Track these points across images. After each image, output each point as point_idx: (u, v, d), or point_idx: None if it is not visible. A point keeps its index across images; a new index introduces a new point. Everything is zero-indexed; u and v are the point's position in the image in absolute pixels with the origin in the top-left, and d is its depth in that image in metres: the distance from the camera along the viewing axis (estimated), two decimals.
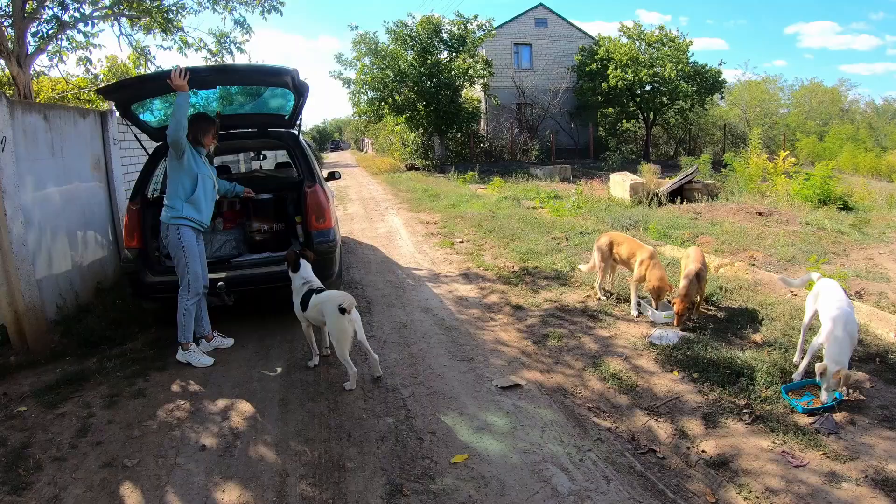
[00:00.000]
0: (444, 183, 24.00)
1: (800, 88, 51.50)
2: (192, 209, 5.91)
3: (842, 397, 4.79)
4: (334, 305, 5.16)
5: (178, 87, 5.76)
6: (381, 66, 32.29)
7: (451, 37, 33.96)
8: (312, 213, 6.96)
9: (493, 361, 5.92)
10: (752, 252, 9.97)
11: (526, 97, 38.77)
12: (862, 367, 5.39)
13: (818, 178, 15.74)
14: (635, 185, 17.11)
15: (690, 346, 5.86)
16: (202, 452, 4.47)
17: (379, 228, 14.01)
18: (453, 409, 4.99)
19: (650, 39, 37.74)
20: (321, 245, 6.91)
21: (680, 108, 38.32)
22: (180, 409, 5.16)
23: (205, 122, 6.13)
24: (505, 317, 7.20)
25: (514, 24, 40.62)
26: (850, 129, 40.42)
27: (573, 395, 5.19)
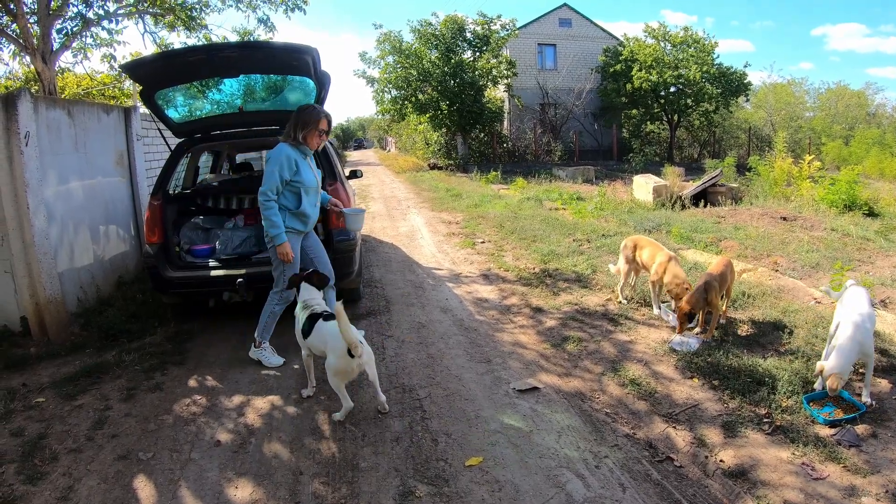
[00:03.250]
0: (467, 183, 24.00)
1: (826, 92, 50.93)
2: (297, 221, 5.81)
3: (864, 409, 4.72)
4: (342, 346, 4.55)
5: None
6: (405, 64, 32.40)
7: (475, 36, 34.02)
8: (333, 212, 6.89)
9: (510, 364, 5.88)
10: (775, 257, 9.86)
11: (549, 98, 38.66)
12: (885, 377, 5.30)
13: (844, 183, 15.52)
14: (658, 187, 17.00)
15: (711, 353, 5.80)
16: (217, 448, 4.49)
17: (400, 227, 14.02)
18: (470, 410, 4.96)
19: (675, 40, 37.57)
20: (341, 243, 6.89)
21: (704, 110, 37.99)
22: (196, 404, 5.20)
23: (308, 116, 5.68)
24: (524, 319, 7.16)
25: (537, 25, 40.53)
26: (877, 133, 39.83)
27: (591, 399, 5.15)
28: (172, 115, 7.41)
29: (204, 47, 7.77)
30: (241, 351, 6.34)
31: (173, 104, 7.40)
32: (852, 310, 5.06)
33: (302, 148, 5.72)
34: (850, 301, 5.25)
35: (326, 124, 5.79)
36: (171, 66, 6.73)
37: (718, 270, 6.52)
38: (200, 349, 6.53)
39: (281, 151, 5.58)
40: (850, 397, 4.89)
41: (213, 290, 6.84)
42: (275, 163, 5.53)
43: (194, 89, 7.46)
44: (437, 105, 32.85)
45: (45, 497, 3.94)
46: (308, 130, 5.66)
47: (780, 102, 45.64)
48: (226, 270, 6.82)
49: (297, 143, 5.67)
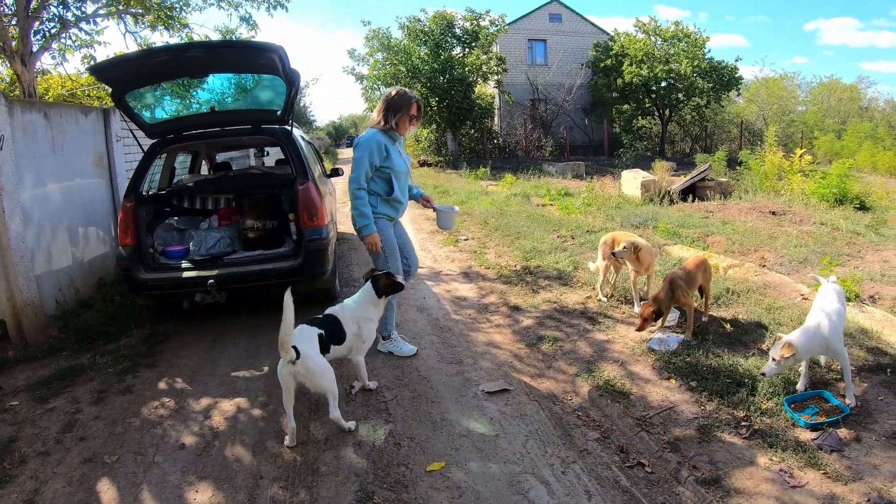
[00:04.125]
0: (456, 179, 23.83)
1: (818, 86, 51.11)
2: (389, 207, 5.72)
3: (849, 411, 4.52)
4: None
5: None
6: (394, 61, 32.25)
7: (464, 32, 33.93)
8: (304, 211, 6.82)
9: (482, 365, 5.71)
10: (763, 253, 9.69)
11: (540, 93, 38.42)
12: (871, 377, 5.11)
13: (835, 176, 15.37)
14: (647, 182, 16.78)
15: (691, 353, 5.61)
16: (181, 451, 4.44)
17: None
18: (435, 413, 4.83)
19: (666, 35, 37.50)
20: (313, 243, 6.77)
21: (696, 104, 37.95)
22: (164, 407, 5.14)
23: (400, 101, 5.52)
24: (501, 318, 6.98)
25: (528, 20, 40.36)
26: (869, 126, 39.86)
27: (563, 402, 4.97)
28: (144, 116, 7.34)
29: (168, 48, 7.72)
30: (214, 352, 6.33)
31: (145, 105, 7.34)
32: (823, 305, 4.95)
33: (392, 133, 5.61)
34: (822, 297, 5.13)
35: (417, 109, 5.67)
36: (137, 68, 6.62)
37: (687, 268, 6.36)
38: (173, 351, 6.46)
39: (371, 137, 5.45)
40: (833, 399, 4.71)
41: (186, 292, 6.74)
42: (364, 149, 5.43)
43: (165, 90, 7.42)
44: (426, 102, 32.39)
45: (12, 500, 3.91)
46: (400, 116, 5.53)
47: (772, 97, 45.56)
48: (197, 272, 6.71)
49: (388, 129, 5.55)
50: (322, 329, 4.66)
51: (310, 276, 6.76)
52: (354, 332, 4.88)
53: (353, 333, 4.87)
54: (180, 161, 10.02)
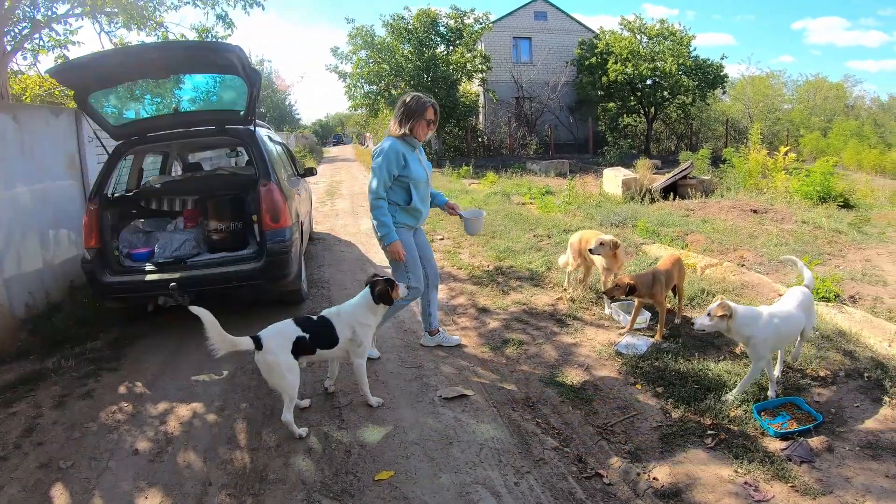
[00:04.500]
0: (438, 178, 23.52)
1: (804, 84, 51.27)
2: (408, 217, 5.56)
3: (821, 419, 4.31)
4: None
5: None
6: (378, 59, 32.09)
7: (448, 30, 33.73)
8: (267, 213, 6.71)
9: (443, 369, 5.53)
10: (742, 252, 9.52)
11: (524, 91, 38.21)
12: (847, 382, 4.95)
13: (819, 174, 15.33)
14: (628, 180, 16.62)
15: (659, 357, 5.42)
16: (134, 457, 4.37)
17: (362, 225, 13.53)
18: (390, 420, 4.68)
19: (651, 33, 37.36)
20: (275, 246, 6.68)
21: (681, 102, 37.87)
22: (122, 412, 5.05)
23: (415, 106, 5.38)
24: (468, 320, 6.79)
25: (513, 18, 40.12)
26: (855, 125, 40.08)
27: (522, 408, 4.79)
28: (109, 118, 7.25)
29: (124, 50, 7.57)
30: (177, 356, 6.24)
31: (109, 107, 7.26)
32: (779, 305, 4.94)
33: (410, 140, 5.45)
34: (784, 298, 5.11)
35: (433, 113, 5.49)
36: (95, 70, 6.50)
37: (665, 267, 6.21)
38: (137, 354, 6.35)
39: (389, 146, 5.32)
40: (806, 406, 4.50)
41: (149, 295, 6.65)
42: (382, 158, 5.28)
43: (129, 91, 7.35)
44: None
45: None
46: (415, 121, 5.37)
47: (758, 95, 45.52)
48: (160, 275, 6.59)
49: (405, 137, 5.39)
50: (307, 331, 4.56)
51: (272, 279, 6.65)
52: (349, 337, 4.73)
53: (346, 338, 4.73)
54: (150, 162, 9.88)
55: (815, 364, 5.22)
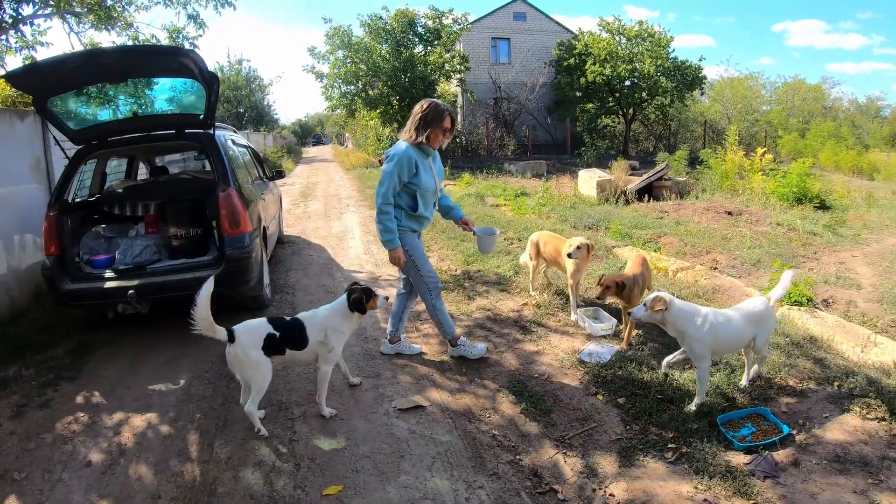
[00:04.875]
0: None
1: (783, 86, 51.72)
2: (413, 222, 5.44)
3: (788, 431, 4.15)
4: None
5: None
6: (355, 59, 31.78)
7: (426, 30, 33.50)
8: (225, 219, 6.58)
9: (400, 379, 5.35)
10: (715, 255, 9.44)
11: (503, 92, 38.09)
12: (817, 391, 4.82)
13: (795, 175, 15.35)
14: (602, 182, 16.48)
15: (623, 365, 5.26)
16: (87, 469, 4.26)
17: (333, 227, 13.37)
18: (342, 432, 4.51)
19: (630, 34, 37.34)
20: (234, 252, 6.55)
21: (659, 103, 38.04)
22: (78, 422, 4.92)
23: (432, 114, 5.20)
24: (431, 326, 6.55)
25: (491, 18, 40.06)
26: (833, 126, 40.35)
27: (479, 420, 4.61)
28: (69, 123, 7.08)
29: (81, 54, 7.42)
30: (136, 364, 6.03)
31: (69, 111, 7.08)
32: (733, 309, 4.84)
33: (424, 148, 5.28)
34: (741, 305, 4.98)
35: (450, 122, 5.33)
36: (51, 75, 6.36)
37: (639, 270, 6.11)
38: (97, 363, 6.14)
39: (402, 152, 5.16)
40: (773, 417, 4.36)
41: (108, 303, 6.47)
42: (394, 164, 5.14)
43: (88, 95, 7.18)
44: (387, 100, 32.30)
45: None
46: (432, 130, 5.22)
47: (736, 96, 45.70)
48: (119, 282, 6.45)
49: (419, 144, 5.22)
50: (279, 330, 4.55)
51: (231, 286, 6.50)
52: (320, 340, 4.66)
53: (317, 341, 4.66)
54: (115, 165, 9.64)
55: (784, 373, 5.09)
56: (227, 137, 7.97)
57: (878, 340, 5.73)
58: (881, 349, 5.57)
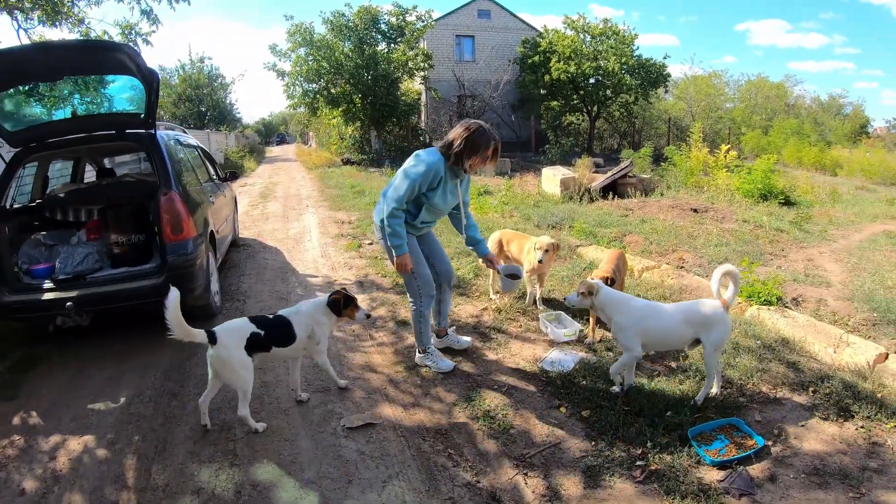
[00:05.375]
0: (376, 178, 23.01)
1: (746, 84, 52.11)
2: (411, 228, 5.13)
3: (763, 443, 3.88)
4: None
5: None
6: (317, 57, 31.31)
7: (390, 27, 33.20)
8: (167, 224, 6.16)
9: (352, 393, 4.98)
10: (681, 253, 9.22)
11: (467, 89, 37.90)
12: (792, 398, 4.59)
13: (760, 172, 15.36)
14: (566, 179, 16.27)
15: (587, 374, 4.96)
16: (20, 498, 3.92)
17: (291, 229, 12.94)
18: (287, 455, 4.15)
19: (595, 32, 37.36)
20: (177, 259, 6.15)
21: (624, 101, 38.11)
22: (13, 446, 4.54)
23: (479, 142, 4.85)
24: (386, 335, 6.24)
25: (456, 16, 39.82)
26: (795, 123, 40.68)
27: (434, 438, 4.29)
28: (4, 124, 6.65)
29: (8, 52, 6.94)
30: (77, 380, 5.59)
31: (2, 112, 6.67)
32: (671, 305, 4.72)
33: (456, 170, 4.98)
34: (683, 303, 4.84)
35: (494, 151, 5.01)
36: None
37: (614, 265, 6.13)
38: (37, 380, 5.71)
39: (433, 163, 4.85)
40: (747, 428, 4.09)
41: (47, 315, 6.04)
42: (420, 173, 4.83)
43: (23, 96, 6.87)
44: (350, 98, 31.92)
45: None
46: (476, 158, 4.93)
47: (700, 94, 46.02)
48: (56, 293, 6.00)
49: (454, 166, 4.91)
50: (263, 328, 4.49)
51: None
52: (306, 336, 4.64)
53: (304, 337, 4.63)
54: (59, 168, 9.34)
55: (757, 378, 4.87)
56: (173, 137, 7.59)
57: (851, 340, 5.56)
58: (854, 349, 5.40)
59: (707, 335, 4.41)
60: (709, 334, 4.41)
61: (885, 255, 9.41)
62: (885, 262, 8.99)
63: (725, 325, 4.43)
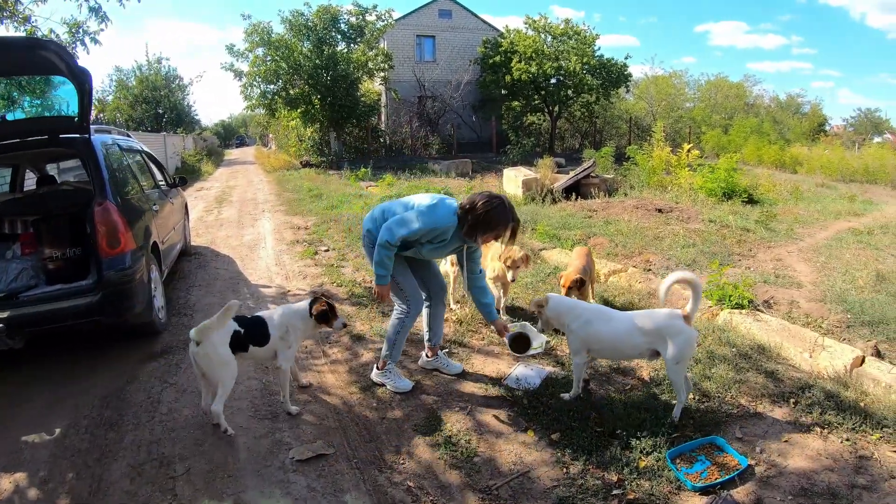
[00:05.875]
0: (334, 181, 22.62)
1: (706, 83, 52.62)
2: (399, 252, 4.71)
3: (746, 464, 3.62)
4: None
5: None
6: (275, 57, 30.71)
7: (350, 27, 32.69)
8: (102, 237, 5.65)
9: (300, 421, 4.55)
10: (648, 255, 8.99)
11: (427, 90, 37.68)
12: (773, 410, 4.33)
13: (723, 170, 15.37)
14: (528, 180, 16.00)
15: (554, 391, 4.63)
16: None
17: (245, 236, 12.46)
18: (229, 493, 3.71)
19: (556, 32, 37.39)
20: (114, 276, 5.64)
21: (585, 101, 38.19)
22: None
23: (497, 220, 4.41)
24: (340, 351, 5.83)
25: (416, 16, 39.48)
26: (755, 122, 41.15)
27: (392, 468, 3.89)
28: None
29: None
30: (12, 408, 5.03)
31: None
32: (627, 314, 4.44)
33: (465, 239, 4.57)
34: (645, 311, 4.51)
35: (510, 232, 4.57)
36: None
37: (584, 263, 6.13)
38: None
39: (445, 225, 4.47)
40: (729, 448, 3.79)
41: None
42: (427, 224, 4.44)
43: None
44: (308, 99, 31.43)
45: None
46: (489, 235, 4.53)
47: (661, 93, 46.38)
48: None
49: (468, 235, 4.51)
50: (244, 327, 4.45)
51: (112, 314, 5.61)
52: (280, 336, 4.55)
53: (278, 337, 4.55)
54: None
55: (735, 390, 4.60)
56: (112, 141, 7.12)
57: (826, 343, 5.37)
58: (830, 353, 5.22)
59: (664, 347, 4.12)
60: (666, 346, 4.12)
61: (853, 254, 9.27)
62: (854, 260, 8.84)
63: (684, 337, 4.09)
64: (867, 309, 6.47)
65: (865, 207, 15.31)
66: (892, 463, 3.70)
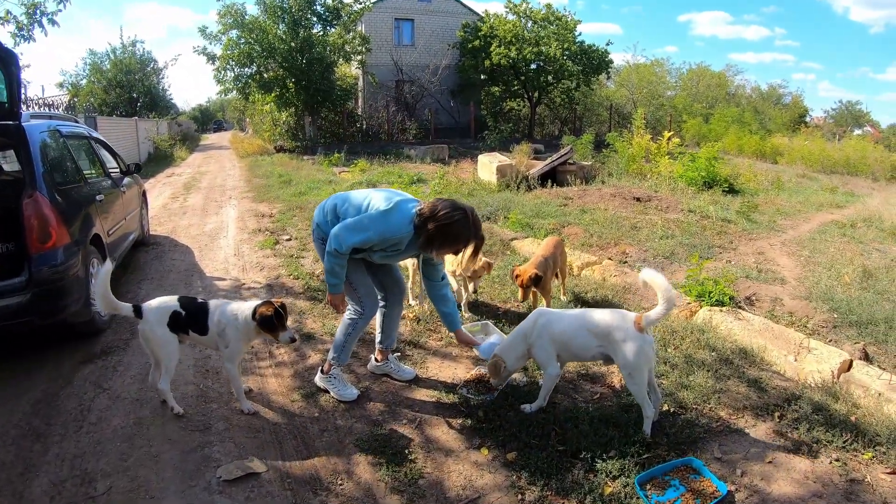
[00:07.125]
0: (306, 167, 22.13)
1: (687, 72, 52.51)
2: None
3: (726, 491, 3.23)
4: None
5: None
6: (249, 40, 30.03)
7: (326, 9, 32.04)
8: (32, 232, 5.22)
9: (234, 433, 4.08)
10: (624, 246, 8.63)
11: (405, 74, 37.23)
12: (757, 425, 3.96)
13: (703, 160, 15.17)
14: (503, 167, 15.61)
15: (515, 402, 4.18)
16: None
17: (208, 224, 11.93)
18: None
19: (536, 17, 37.11)
20: (44, 273, 5.21)
21: (566, 87, 37.94)
22: None
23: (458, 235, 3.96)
24: (287, 352, 5.36)
25: None
26: (736, 112, 41.17)
27: (328, 490, 3.45)
28: None
29: None
30: None
31: None
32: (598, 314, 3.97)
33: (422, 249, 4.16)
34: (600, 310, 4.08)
35: (473, 249, 4.16)
36: None
37: (549, 252, 5.86)
38: None
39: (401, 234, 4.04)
40: (707, 471, 3.38)
41: None
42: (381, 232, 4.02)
43: None
44: (283, 83, 30.86)
45: None
46: (446, 250, 4.14)
47: (642, 81, 46.32)
48: None
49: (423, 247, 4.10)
50: (185, 310, 4.36)
51: (44, 314, 5.19)
52: (217, 332, 4.32)
53: (214, 331, 4.33)
54: None
55: (714, 401, 4.18)
56: (51, 127, 6.61)
57: (812, 346, 5.01)
58: (816, 356, 4.87)
59: (614, 352, 3.74)
60: (616, 352, 3.73)
61: (837, 248, 8.94)
62: (839, 255, 8.50)
63: (637, 344, 3.68)
64: (854, 308, 6.13)
65: (847, 199, 15.19)
66: (885, 487, 3.32)
